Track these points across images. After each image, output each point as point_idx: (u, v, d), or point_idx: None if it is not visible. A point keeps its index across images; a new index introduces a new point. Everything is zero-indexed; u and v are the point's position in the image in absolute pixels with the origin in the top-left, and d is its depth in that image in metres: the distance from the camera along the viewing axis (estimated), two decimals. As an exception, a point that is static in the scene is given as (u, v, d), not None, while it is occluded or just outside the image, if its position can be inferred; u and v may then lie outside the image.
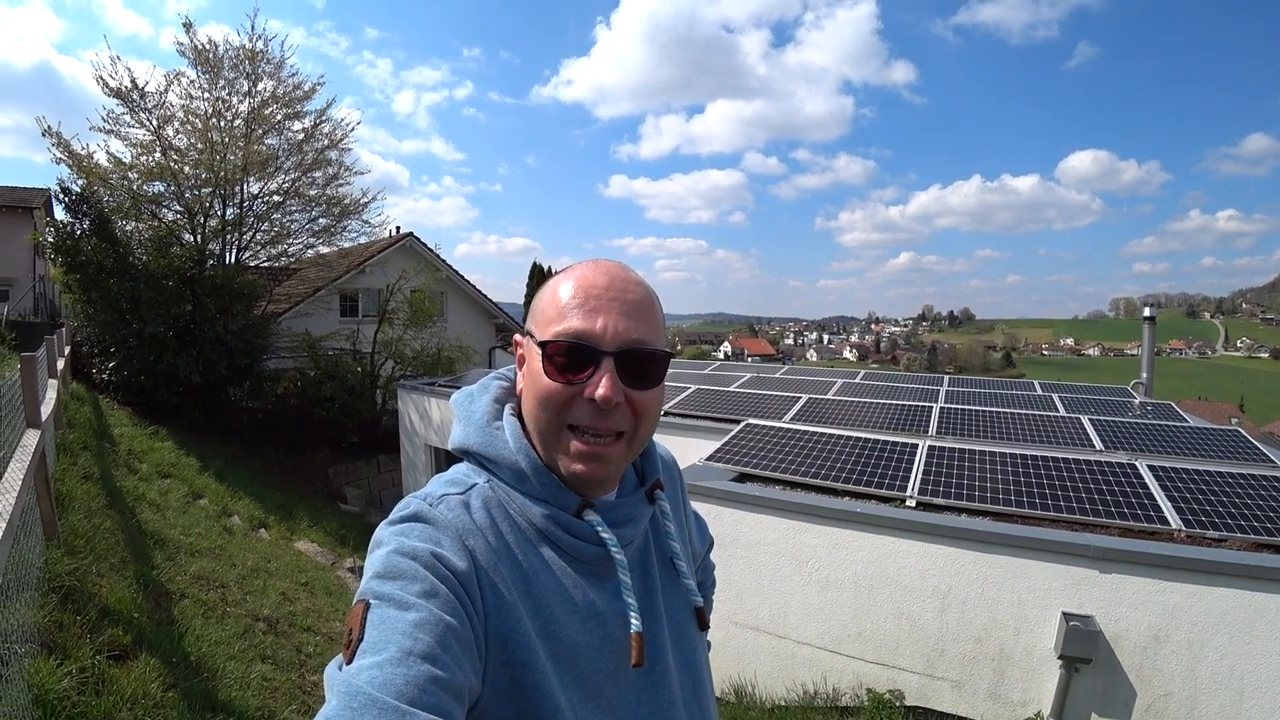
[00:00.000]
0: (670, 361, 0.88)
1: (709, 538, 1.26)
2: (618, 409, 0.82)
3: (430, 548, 0.74)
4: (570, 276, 0.87)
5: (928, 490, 4.54)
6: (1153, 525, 3.91)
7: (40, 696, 2.47)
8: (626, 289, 0.86)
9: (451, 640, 0.67)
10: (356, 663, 0.63)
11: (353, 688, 0.60)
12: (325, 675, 0.66)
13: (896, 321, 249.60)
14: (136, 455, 8.17)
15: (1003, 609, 3.81)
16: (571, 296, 0.84)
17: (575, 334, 0.82)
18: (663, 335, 0.88)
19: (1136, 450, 5.92)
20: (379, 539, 0.77)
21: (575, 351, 0.82)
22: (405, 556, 0.72)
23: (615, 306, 0.84)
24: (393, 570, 0.71)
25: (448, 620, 0.68)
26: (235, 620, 4.34)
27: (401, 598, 0.68)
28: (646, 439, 0.90)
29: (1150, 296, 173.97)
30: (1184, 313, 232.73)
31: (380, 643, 0.64)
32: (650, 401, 0.86)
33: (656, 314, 0.88)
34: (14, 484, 2.78)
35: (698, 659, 0.98)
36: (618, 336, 0.82)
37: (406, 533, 0.76)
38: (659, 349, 0.86)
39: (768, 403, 8.20)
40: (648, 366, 0.85)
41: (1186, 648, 3.40)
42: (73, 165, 11.61)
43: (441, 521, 0.78)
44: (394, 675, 0.61)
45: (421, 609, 0.67)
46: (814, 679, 4.33)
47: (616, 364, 0.82)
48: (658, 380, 0.86)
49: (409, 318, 15.36)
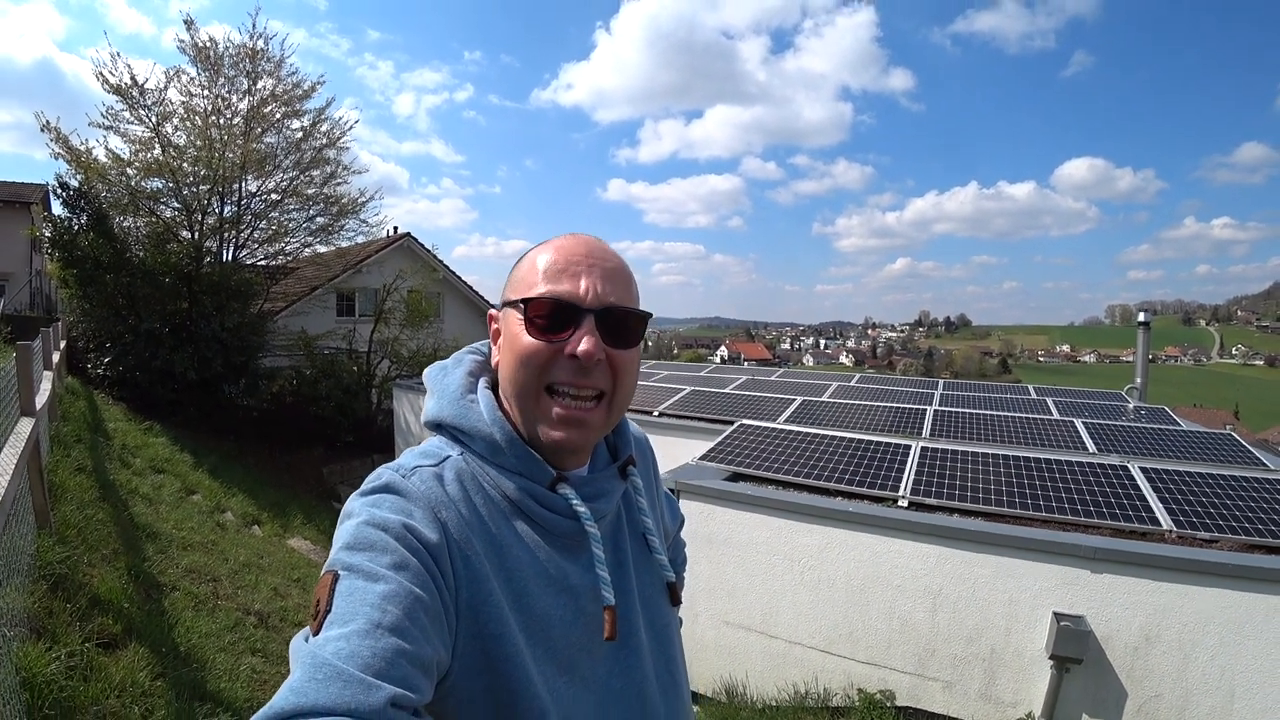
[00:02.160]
0: (649, 321, 0.90)
1: (680, 516, 1.27)
2: (598, 366, 0.83)
3: (401, 519, 0.73)
4: (549, 247, 0.89)
5: (920, 490, 4.55)
6: (1144, 526, 3.92)
7: (29, 680, 2.47)
8: (605, 257, 0.88)
9: (420, 613, 0.67)
10: (323, 634, 0.63)
11: (318, 659, 0.60)
12: (291, 646, 0.66)
13: (893, 327, 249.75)
14: (130, 450, 8.15)
15: (994, 609, 3.82)
16: (552, 263, 0.86)
17: (558, 294, 0.84)
18: (638, 302, 0.90)
19: (1129, 453, 5.94)
20: (349, 510, 0.77)
21: (558, 310, 0.83)
22: (376, 528, 0.72)
23: (595, 271, 0.85)
24: (363, 541, 0.71)
25: (417, 593, 0.68)
26: (226, 614, 4.33)
27: (371, 569, 0.68)
28: (625, 403, 0.90)
29: (1146, 303, 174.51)
30: (1179, 320, 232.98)
31: (348, 614, 0.64)
32: (629, 360, 0.87)
33: (633, 282, 0.90)
34: (6, 469, 2.78)
35: (670, 634, 0.99)
36: (598, 297, 0.84)
37: (378, 504, 0.76)
38: (637, 309, 0.88)
39: (762, 404, 8.21)
40: (626, 325, 0.86)
41: (1177, 648, 3.41)
42: (71, 161, 11.60)
43: (414, 493, 0.78)
44: (361, 647, 0.61)
45: (391, 581, 0.67)
46: (805, 679, 4.33)
47: (597, 322, 0.83)
48: (636, 340, 0.88)
49: (405, 317, 15.39)
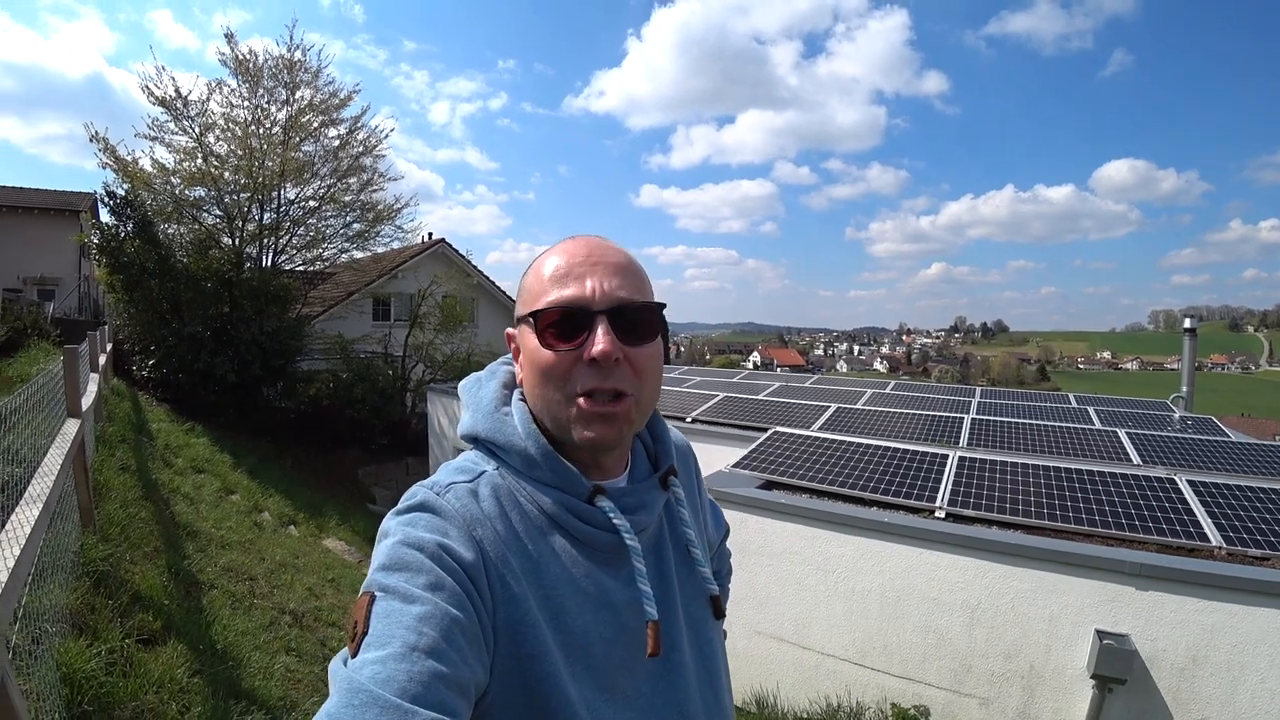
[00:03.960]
0: (663, 311, 0.87)
1: (724, 526, 1.23)
2: (618, 366, 0.81)
3: (437, 539, 0.73)
4: (551, 253, 0.87)
5: (957, 502, 4.45)
6: (1192, 542, 3.78)
7: (69, 675, 2.52)
8: (607, 253, 0.85)
9: (457, 634, 0.66)
10: (360, 657, 0.63)
11: (355, 684, 0.60)
12: (330, 669, 0.65)
13: (928, 333, 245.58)
14: (173, 450, 8.38)
15: (1034, 625, 3.71)
16: (555, 269, 0.84)
17: (565, 300, 0.82)
18: (651, 294, 0.87)
19: (1176, 465, 5.75)
20: (386, 529, 0.76)
21: (567, 316, 0.81)
22: (411, 548, 0.71)
23: (600, 269, 0.83)
24: (398, 562, 0.70)
25: (453, 613, 0.67)
26: (262, 612, 4.41)
27: (407, 590, 0.67)
28: (653, 401, 0.88)
29: (1191, 309, 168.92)
30: (1226, 325, 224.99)
31: (384, 637, 0.63)
32: (649, 359, 0.84)
33: (642, 274, 0.88)
34: (53, 468, 2.85)
35: (714, 648, 0.96)
36: (606, 296, 0.82)
37: (413, 523, 0.75)
38: (649, 301, 0.85)
39: (796, 411, 8.12)
40: (640, 320, 0.84)
41: (1226, 670, 3.28)
42: (118, 170, 12.04)
43: (448, 511, 0.77)
44: (397, 671, 0.60)
45: (427, 602, 0.66)
46: (837, 691, 4.26)
47: (610, 321, 0.81)
48: (653, 335, 0.85)
49: (440, 322, 15.60)
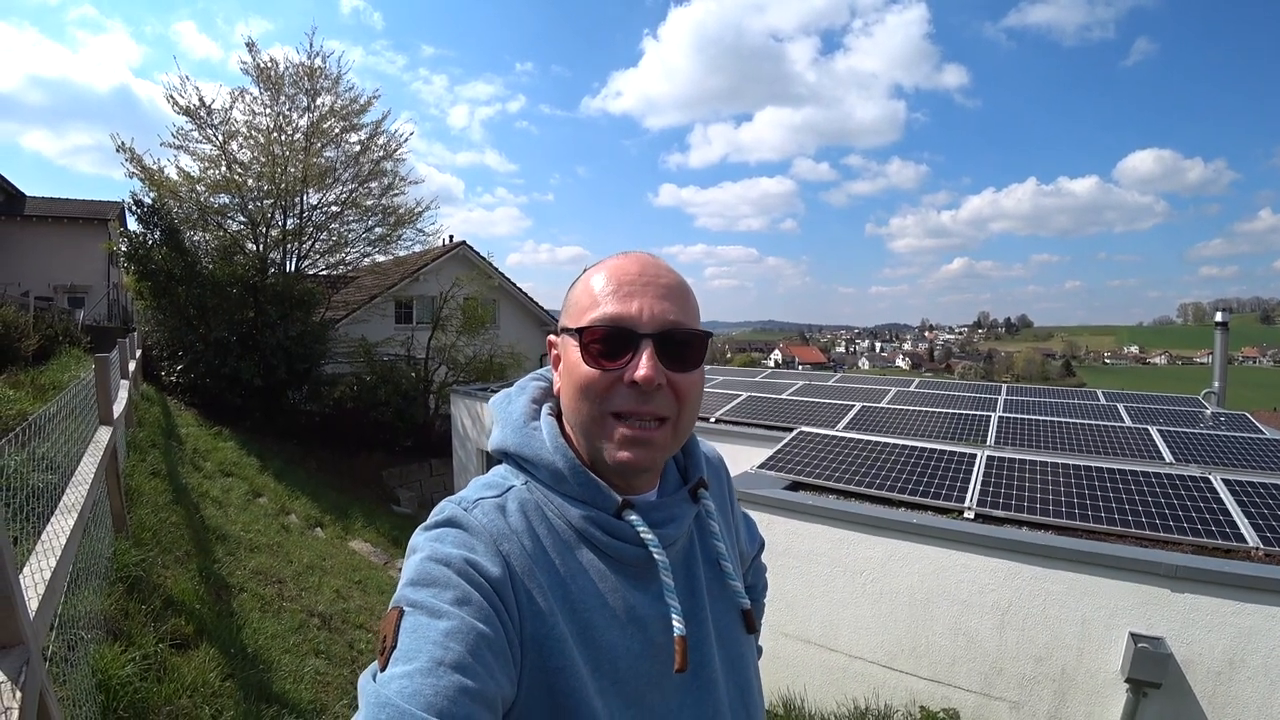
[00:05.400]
0: (709, 341, 0.86)
1: (759, 539, 1.22)
2: (659, 392, 0.81)
3: (463, 554, 0.74)
4: (602, 268, 0.87)
5: (986, 502, 4.38)
6: (1228, 543, 3.69)
7: (104, 681, 2.56)
8: (659, 274, 0.85)
9: (484, 649, 0.67)
10: (389, 671, 0.64)
11: (382, 698, 0.61)
12: (359, 683, 0.67)
13: (951, 329, 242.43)
14: (201, 454, 8.51)
15: (1066, 627, 3.65)
16: (605, 285, 0.84)
17: (612, 318, 0.81)
18: (698, 320, 0.86)
19: (1209, 463, 5.62)
20: (414, 545, 0.77)
21: (613, 335, 0.81)
22: (438, 563, 0.72)
23: (650, 290, 0.83)
24: (426, 577, 0.71)
25: (480, 628, 0.68)
26: (291, 615, 4.46)
27: (434, 605, 0.68)
28: (690, 426, 0.88)
29: (1221, 301, 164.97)
30: (1258, 318, 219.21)
31: (412, 651, 0.65)
32: (691, 385, 0.84)
33: (691, 298, 0.87)
34: (86, 477, 2.90)
35: (745, 664, 0.95)
36: (655, 319, 0.81)
37: (440, 538, 0.76)
38: (697, 329, 0.84)
39: (820, 411, 8.05)
40: (687, 347, 0.83)
41: (1264, 674, 3.19)
42: (145, 179, 12.26)
43: (475, 526, 0.78)
44: (424, 686, 0.61)
45: (454, 617, 0.67)
46: (865, 694, 4.22)
47: (655, 346, 0.80)
48: (697, 362, 0.85)
49: (462, 325, 15.69)
